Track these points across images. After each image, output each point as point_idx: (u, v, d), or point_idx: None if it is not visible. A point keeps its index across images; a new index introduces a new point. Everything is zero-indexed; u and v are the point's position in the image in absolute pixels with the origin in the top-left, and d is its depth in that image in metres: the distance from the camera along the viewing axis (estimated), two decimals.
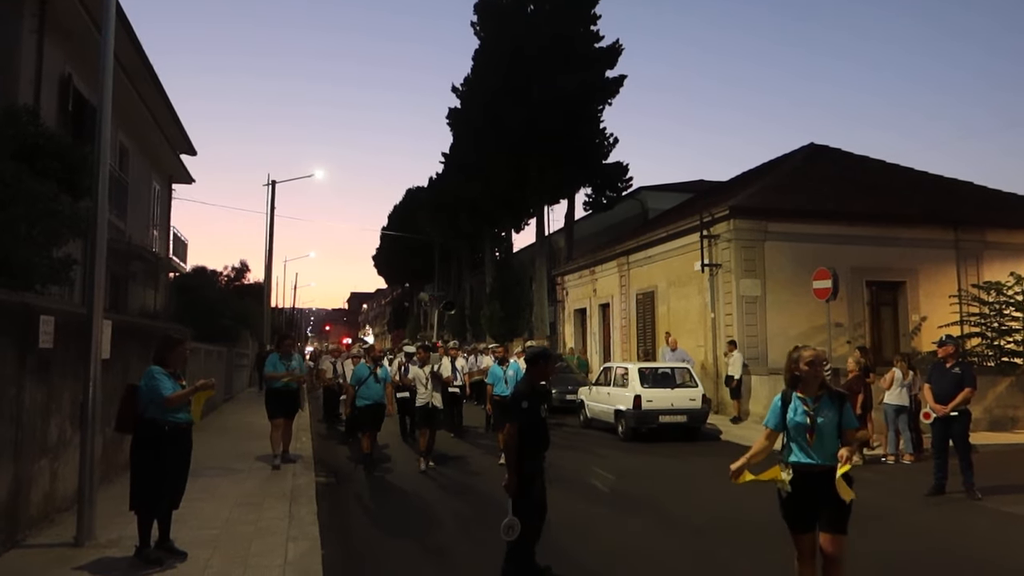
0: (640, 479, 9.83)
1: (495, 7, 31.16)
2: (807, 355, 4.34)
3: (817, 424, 4.21)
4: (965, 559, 6.31)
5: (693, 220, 18.30)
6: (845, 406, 4.30)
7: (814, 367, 4.32)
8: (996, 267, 17.84)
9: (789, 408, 4.36)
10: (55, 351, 6.34)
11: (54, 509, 6.60)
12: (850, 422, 4.29)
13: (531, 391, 5.32)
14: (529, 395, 5.27)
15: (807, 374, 4.32)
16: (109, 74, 6.51)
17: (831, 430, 4.22)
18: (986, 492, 8.69)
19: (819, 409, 4.25)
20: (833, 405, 4.26)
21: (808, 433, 4.21)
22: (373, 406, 10.57)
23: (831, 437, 4.22)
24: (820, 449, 4.21)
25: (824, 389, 4.33)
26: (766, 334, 16.82)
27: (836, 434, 4.23)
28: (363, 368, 10.91)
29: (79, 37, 12.08)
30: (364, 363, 11.12)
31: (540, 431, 5.28)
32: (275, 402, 10.23)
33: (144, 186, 19.13)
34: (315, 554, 5.87)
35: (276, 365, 10.33)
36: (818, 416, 4.23)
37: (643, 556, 6.20)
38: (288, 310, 61.40)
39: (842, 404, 4.29)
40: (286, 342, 10.96)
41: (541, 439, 5.29)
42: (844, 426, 4.25)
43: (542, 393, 5.27)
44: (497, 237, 39.44)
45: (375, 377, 10.66)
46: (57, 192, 7.46)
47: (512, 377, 11.30)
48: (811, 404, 4.28)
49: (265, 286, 27.51)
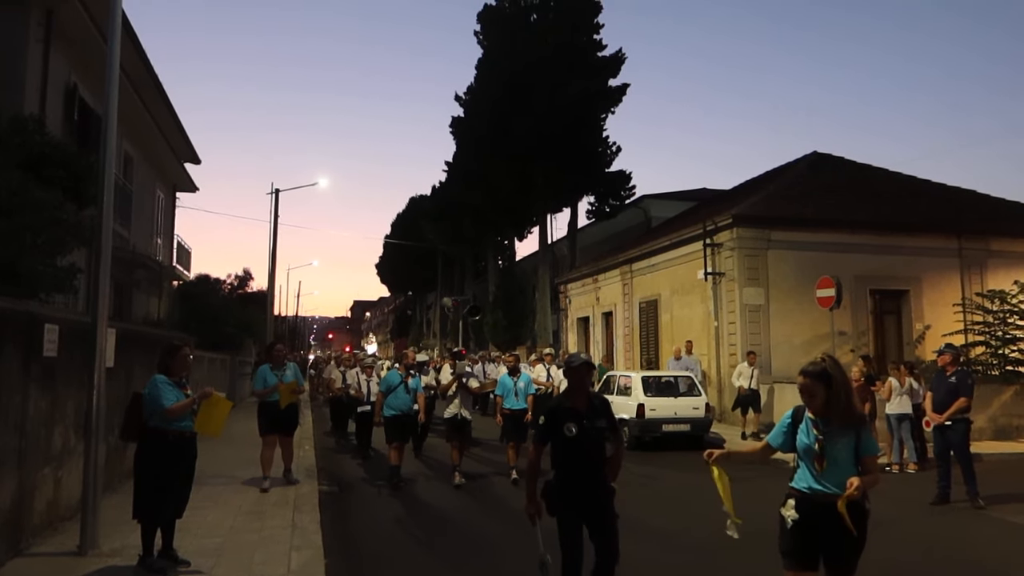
0: (642, 489, 9.80)
1: (498, 16, 31.27)
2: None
3: (826, 450, 3.66)
4: (968, 568, 6.28)
5: (696, 228, 18.30)
6: (863, 430, 3.71)
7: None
8: (1000, 276, 17.80)
9: (800, 427, 3.83)
10: (59, 359, 6.35)
11: (57, 518, 6.60)
12: (870, 448, 3.70)
13: (557, 405, 4.70)
14: (554, 410, 4.58)
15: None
16: (115, 83, 6.54)
17: (847, 456, 3.65)
18: (991, 501, 8.66)
19: (831, 433, 3.68)
20: (849, 429, 3.67)
21: (816, 460, 3.67)
22: (401, 417, 9.88)
23: (847, 464, 3.64)
24: (833, 477, 3.62)
25: (836, 413, 3.74)
26: (769, 343, 16.79)
27: (853, 461, 3.65)
28: (394, 376, 10.20)
29: (85, 46, 12.16)
30: (396, 370, 10.48)
31: (569, 452, 4.43)
32: (269, 416, 9.15)
33: (148, 194, 19.20)
34: (318, 563, 5.85)
35: (267, 378, 9.18)
36: (828, 441, 3.67)
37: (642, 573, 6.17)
38: (291, 318, 61.46)
39: (860, 428, 3.71)
40: (277, 348, 9.76)
41: (569, 461, 4.45)
42: (862, 453, 3.67)
43: (569, 409, 4.50)
44: (500, 245, 39.47)
45: (406, 386, 9.97)
46: (62, 201, 7.50)
47: (523, 389, 10.83)
48: (822, 427, 3.71)
49: (268, 294, 27.53)
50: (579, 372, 4.59)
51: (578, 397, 4.56)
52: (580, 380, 4.60)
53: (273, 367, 9.25)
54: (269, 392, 9.09)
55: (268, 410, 9.14)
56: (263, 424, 9.17)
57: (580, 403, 4.53)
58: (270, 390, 9.07)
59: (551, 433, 4.45)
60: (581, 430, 4.39)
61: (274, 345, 10.02)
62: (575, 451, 4.42)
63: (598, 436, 4.50)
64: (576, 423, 4.38)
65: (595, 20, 30.06)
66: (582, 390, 4.60)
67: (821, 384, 3.67)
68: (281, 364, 9.33)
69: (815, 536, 3.62)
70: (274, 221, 27.09)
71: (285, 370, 9.24)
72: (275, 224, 27.08)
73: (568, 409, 4.50)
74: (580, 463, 4.42)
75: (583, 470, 4.43)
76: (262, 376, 9.25)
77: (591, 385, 4.83)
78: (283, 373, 9.19)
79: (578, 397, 4.56)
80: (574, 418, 4.41)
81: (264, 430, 9.15)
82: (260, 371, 9.37)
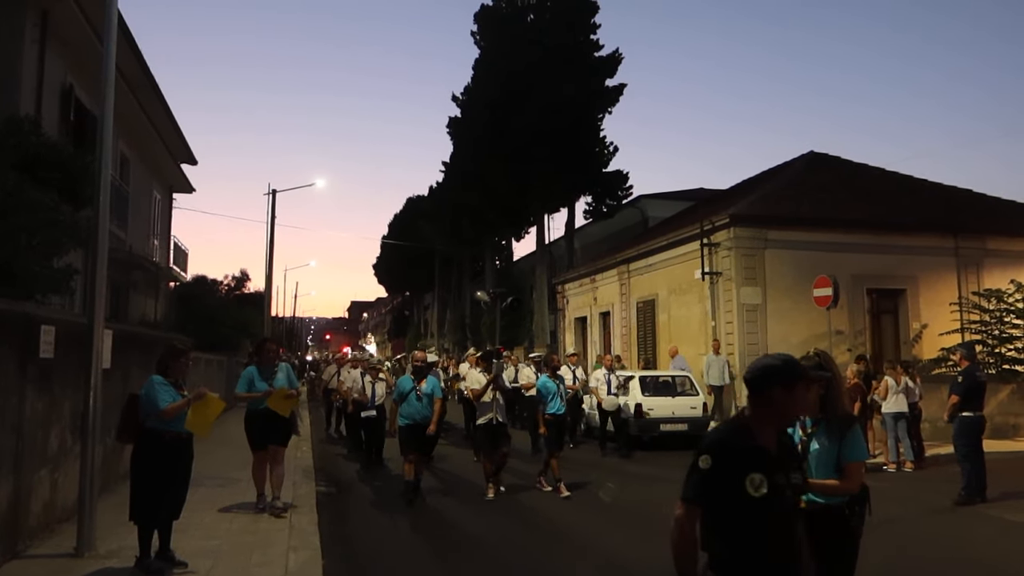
0: (639, 489, 9.80)
1: (495, 17, 31.26)
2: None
3: (810, 452, 3.42)
4: (967, 567, 6.30)
5: (693, 228, 18.31)
6: (850, 433, 3.38)
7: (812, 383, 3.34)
8: (996, 274, 17.83)
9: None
10: (56, 361, 6.33)
11: (54, 519, 6.58)
12: (854, 454, 3.36)
13: (730, 439, 2.61)
14: (727, 445, 2.57)
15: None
16: (111, 84, 6.52)
17: (828, 460, 3.39)
18: (989, 500, 8.69)
19: (816, 434, 3.46)
20: (833, 431, 3.42)
21: None
22: (415, 426, 8.89)
23: (827, 469, 3.39)
24: None
25: (826, 412, 3.47)
26: (767, 342, 16.79)
27: (834, 467, 3.38)
28: (406, 381, 9.29)
29: (81, 47, 12.13)
30: (408, 376, 9.55)
31: (754, 526, 2.46)
32: (259, 426, 7.67)
33: (145, 195, 19.16)
34: (316, 564, 5.84)
35: (253, 382, 7.67)
36: (811, 442, 3.44)
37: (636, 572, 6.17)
38: (288, 319, 61.37)
39: (845, 431, 3.39)
40: (267, 346, 8.25)
41: (755, 543, 2.47)
42: (844, 459, 3.34)
43: (755, 450, 2.53)
44: (498, 246, 39.46)
45: (417, 393, 8.98)
46: (58, 202, 7.48)
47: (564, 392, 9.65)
48: (809, 427, 3.49)
49: (266, 295, 27.51)
50: (804, 384, 2.72)
51: (768, 430, 2.62)
52: (795, 401, 2.64)
53: (261, 368, 7.81)
54: (256, 399, 7.63)
55: (257, 419, 7.69)
56: (252, 436, 7.78)
57: (770, 441, 2.61)
58: (259, 396, 7.60)
59: (722, 488, 2.49)
60: (774, 488, 2.47)
61: (264, 343, 8.46)
62: (766, 525, 2.47)
63: (794, 501, 2.62)
64: (768, 475, 2.47)
65: (592, 20, 30.07)
66: (780, 417, 2.66)
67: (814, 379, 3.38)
68: (271, 365, 7.90)
69: None
70: (271, 222, 27.08)
71: (276, 372, 7.82)
72: (272, 225, 27.08)
73: (754, 450, 2.54)
74: (778, 547, 2.51)
75: (782, 559, 2.52)
76: (247, 378, 7.75)
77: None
78: (273, 376, 7.76)
79: (768, 430, 2.62)
80: (764, 466, 2.49)
81: (254, 443, 7.76)
82: (246, 372, 7.89)
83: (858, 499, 3.44)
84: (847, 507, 3.40)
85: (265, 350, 8.08)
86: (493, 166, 29.91)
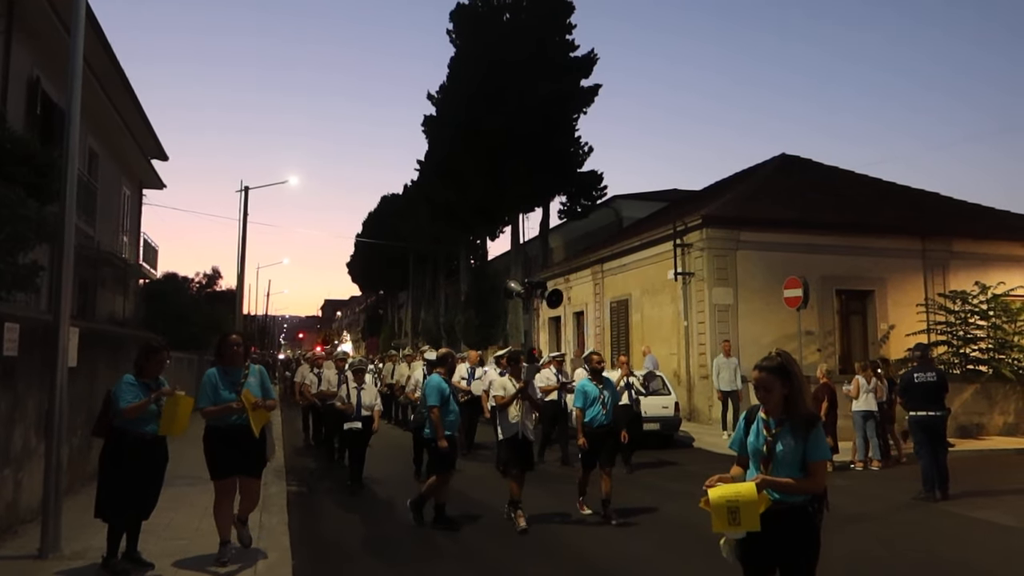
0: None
1: (471, 15, 31.25)
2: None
3: (773, 451, 3.47)
4: (930, 561, 6.43)
5: (666, 229, 18.44)
6: (813, 433, 3.45)
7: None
8: (962, 276, 18.19)
9: (751, 428, 3.64)
10: (20, 359, 6.21)
11: (17, 520, 6.46)
12: (817, 453, 3.44)
13: None
14: None
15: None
16: (78, 77, 6.42)
17: (793, 460, 3.43)
18: (953, 497, 8.89)
19: (780, 434, 3.48)
20: (798, 431, 3.46)
21: (763, 462, 3.48)
22: (451, 437, 7.63)
23: (792, 469, 3.43)
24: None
25: (789, 412, 3.51)
26: (738, 342, 16.96)
27: (799, 467, 3.43)
28: (438, 380, 7.67)
29: (48, 39, 11.89)
30: (438, 374, 7.79)
31: None
32: (224, 448, 5.74)
33: (114, 191, 18.86)
34: (285, 565, 5.80)
35: (217, 390, 5.73)
36: (777, 443, 3.48)
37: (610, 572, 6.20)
38: (261, 317, 60.80)
39: (809, 431, 3.46)
40: (231, 340, 6.07)
41: None
42: (809, 458, 3.42)
43: None
44: (472, 245, 39.42)
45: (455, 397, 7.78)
46: (24, 197, 7.33)
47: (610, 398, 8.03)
48: (773, 427, 3.53)
49: (237, 292, 27.23)
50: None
51: None
52: None
53: (226, 371, 5.86)
54: (222, 412, 5.71)
55: (220, 438, 5.76)
56: (216, 460, 5.80)
57: None
58: (234, 411, 5.72)
59: None
60: None
61: (227, 337, 6.17)
62: None
63: None
64: None
65: (568, 20, 30.19)
66: None
67: (777, 379, 3.51)
68: (238, 366, 5.96)
69: (765, 542, 3.37)
70: (243, 219, 26.82)
71: (246, 376, 5.94)
72: (244, 222, 26.85)
73: None
74: None
75: None
76: (210, 385, 5.77)
77: None
78: (243, 381, 5.85)
79: None
80: None
81: (217, 470, 5.78)
82: (207, 378, 5.85)
83: (818, 496, 3.52)
84: (810, 504, 3.47)
85: (228, 345, 5.98)
86: (468, 164, 29.90)
